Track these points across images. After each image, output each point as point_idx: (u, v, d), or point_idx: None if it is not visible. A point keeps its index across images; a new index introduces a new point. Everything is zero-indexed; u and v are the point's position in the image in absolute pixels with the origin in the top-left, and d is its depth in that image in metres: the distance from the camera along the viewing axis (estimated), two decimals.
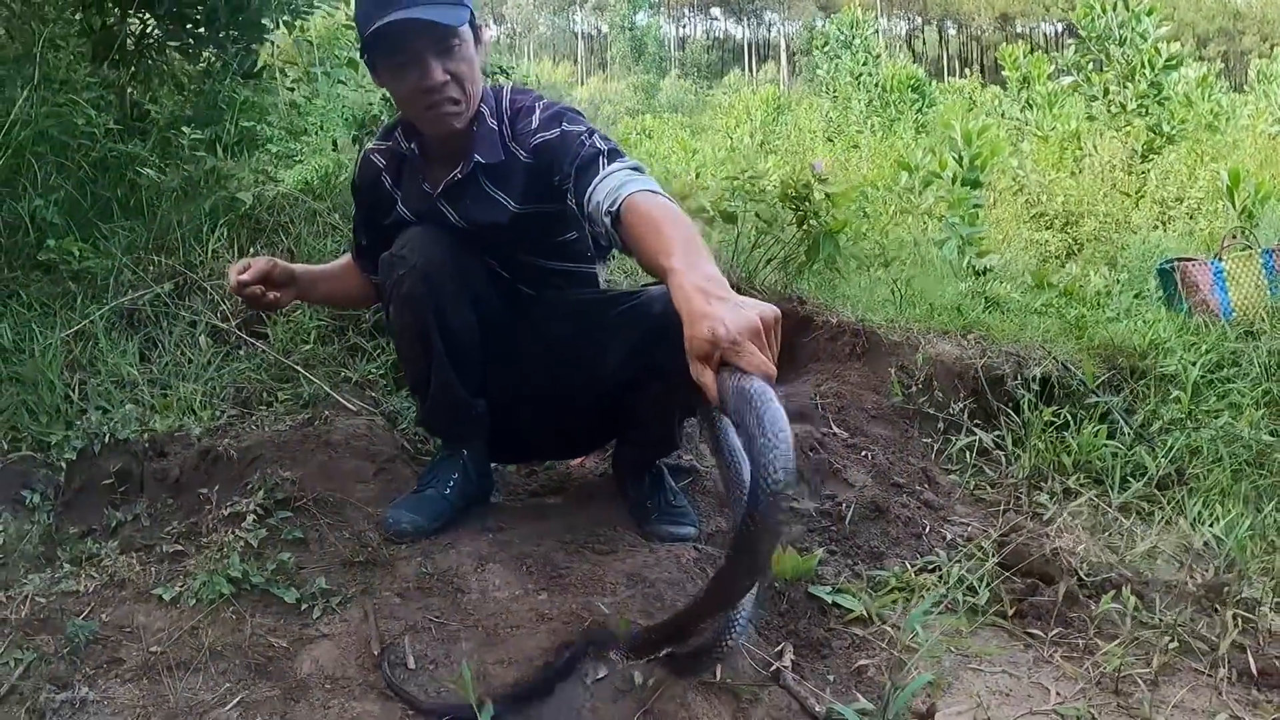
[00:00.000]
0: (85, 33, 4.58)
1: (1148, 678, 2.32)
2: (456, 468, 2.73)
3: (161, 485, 2.84)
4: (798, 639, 2.39)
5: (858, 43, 26.68)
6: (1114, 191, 12.23)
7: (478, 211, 2.62)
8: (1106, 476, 3.58)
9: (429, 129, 2.57)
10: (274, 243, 4.32)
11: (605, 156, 2.37)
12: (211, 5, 4.83)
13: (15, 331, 3.51)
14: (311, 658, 2.10)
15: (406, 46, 2.40)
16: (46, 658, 2.08)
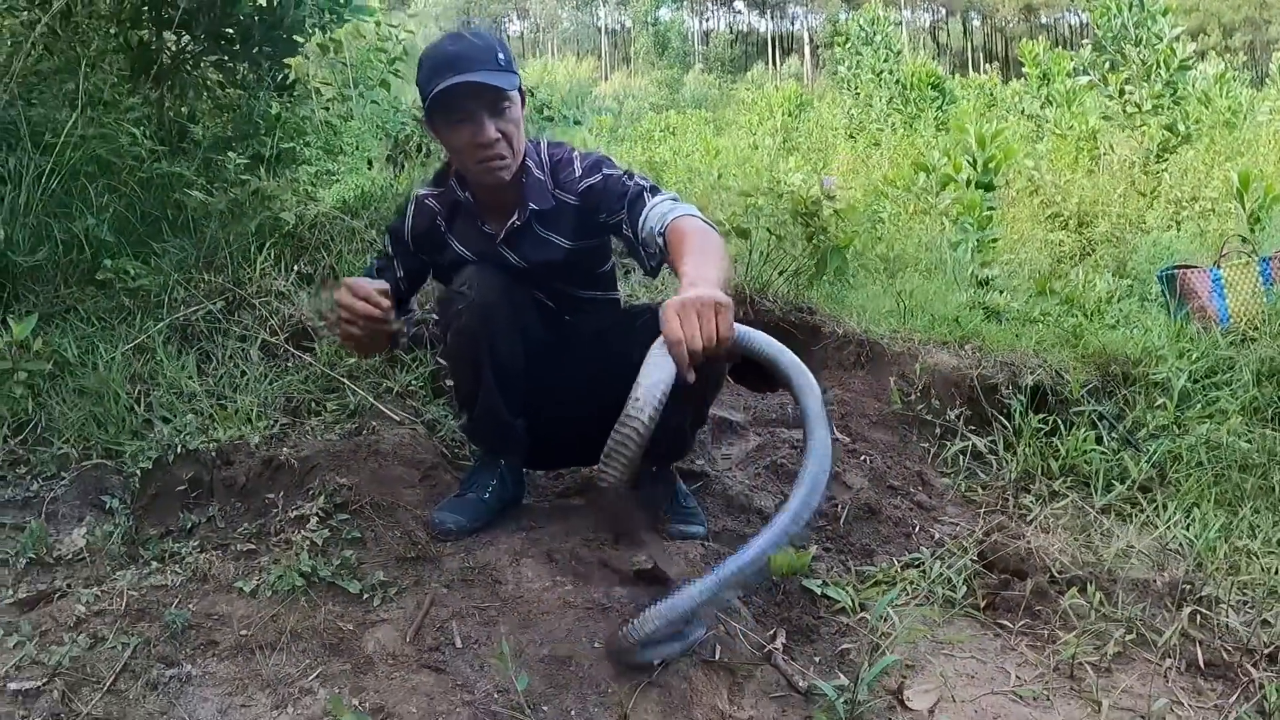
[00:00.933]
0: (123, 49, 4.81)
1: (1101, 665, 2.62)
2: (495, 475, 3.05)
3: (230, 491, 3.14)
4: (790, 625, 2.70)
5: (879, 39, 26.66)
6: (1129, 191, 12.32)
7: (535, 253, 2.97)
8: (1091, 480, 3.81)
9: (480, 180, 2.88)
10: (316, 260, 4.57)
11: (649, 192, 2.81)
12: (246, 24, 5.05)
13: (78, 345, 3.76)
14: (374, 638, 2.42)
15: (463, 106, 2.72)
16: (151, 641, 2.39)
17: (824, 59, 64.70)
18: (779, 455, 3.69)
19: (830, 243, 5.22)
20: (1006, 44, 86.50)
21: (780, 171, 12.96)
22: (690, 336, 2.12)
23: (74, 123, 4.16)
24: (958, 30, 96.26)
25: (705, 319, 2.13)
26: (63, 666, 2.28)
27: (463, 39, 2.80)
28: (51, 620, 2.48)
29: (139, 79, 4.83)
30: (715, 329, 2.13)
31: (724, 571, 2.17)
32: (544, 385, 3.03)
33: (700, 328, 2.12)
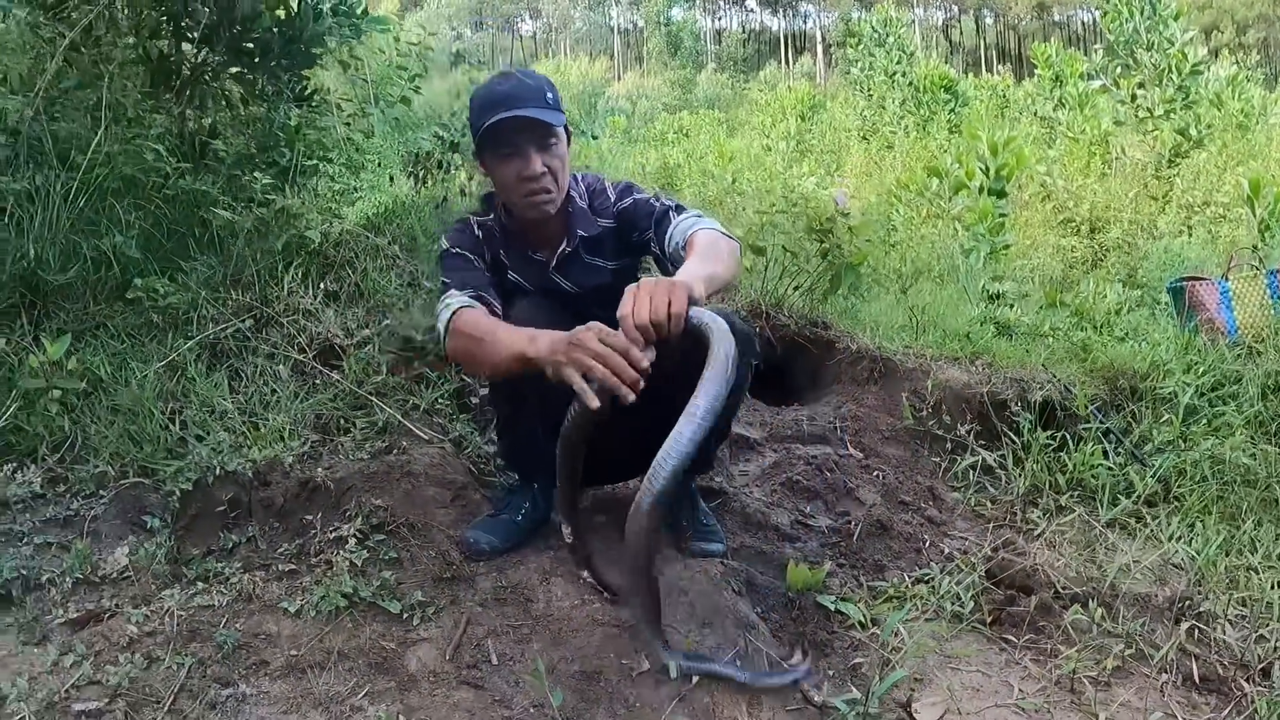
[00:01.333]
0: (142, 60, 4.87)
1: (1100, 679, 2.73)
2: (528, 497, 3.20)
3: (268, 511, 3.26)
4: (806, 640, 2.82)
5: (891, 41, 26.67)
6: (1141, 196, 12.35)
7: (586, 278, 3.11)
8: (1098, 494, 3.89)
9: (525, 213, 3.01)
10: (341, 278, 4.65)
11: (674, 210, 2.99)
12: (265, 37, 5.13)
13: (110, 363, 3.85)
14: (416, 657, 2.56)
15: (512, 141, 2.86)
16: (205, 661, 2.52)
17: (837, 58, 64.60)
18: (795, 472, 3.81)
19: (844, 259, 5.34)
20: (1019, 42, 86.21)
21: (793, 176, 13.10)
22: (637, 310, 2.28)
23: (99, 140, 4.22)
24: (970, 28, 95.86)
25: (658, 297, 2.28)
26: (122, 687, 2.40)
27: (512, 78, 2.94)
28: (104, 640, 2.60)
29: (159, 91, 4.88)
30: (666, 304, 2.27)
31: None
32: None
33: (651, 304, 2.28)
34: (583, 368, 2.34)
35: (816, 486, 3.74)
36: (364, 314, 4.44)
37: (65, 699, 2.37)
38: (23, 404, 3.57)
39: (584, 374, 2.35)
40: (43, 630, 2.69)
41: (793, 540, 3.40)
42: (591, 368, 2.33)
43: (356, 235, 4.92)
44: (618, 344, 2.31)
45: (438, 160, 6.33)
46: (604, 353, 2.32)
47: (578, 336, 2.35)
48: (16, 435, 3.54)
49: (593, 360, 2.33)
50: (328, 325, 4.27)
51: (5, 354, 3.74)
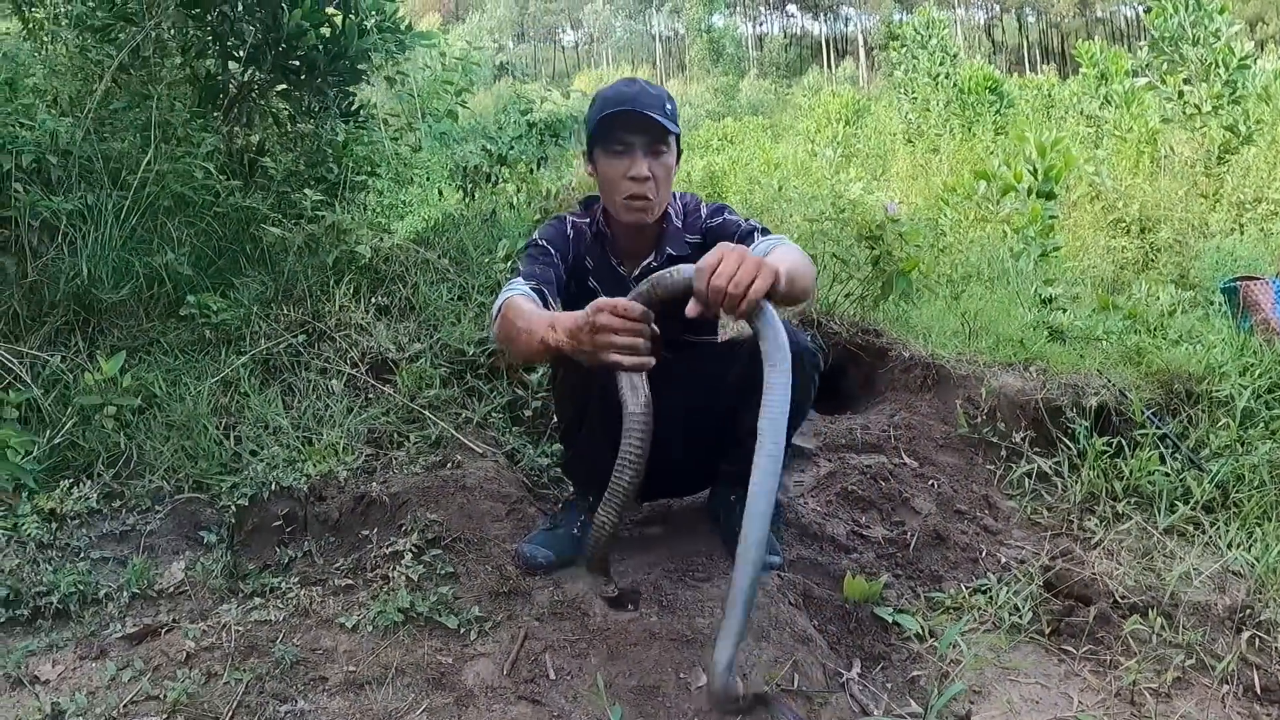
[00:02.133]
0: (190, 80, 4.97)
1: (1161, 690, 2.68)
2: (584, 510, 3.18)
3: (324, 526, 3.29)
4: (863, 653, 2.79)
5: (934, 43, 26.51)
6: (1190, 194, 12.19)
7: None
8: (1155, 500, 3.83)
9: (623, 215, 3.02)
10: (392, 292, 4.70)
11: (759, 232, 2.98)
12: (310, 55, 5.21)
13: (164, 379, 3.90)
14: (473, 672, 2.55)
15: (624, 138, 2.91)
16: (263, 677, 2.53)
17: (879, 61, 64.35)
18: (850, 481, 3.77)
19: (895, 265, 5.31)
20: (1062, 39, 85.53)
21: (840, 182, 13.05)
22: (721, 270, 2.18)
23: (150, 159, 4.29)
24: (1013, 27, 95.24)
25: (746, 268, 2.18)
26: (181, 702, 2.41)
27: (636, 84, 3.00)
28: (162, 655, 2.62)
29: (207, 110, 4.96)
30: (750, 279, 2.18)
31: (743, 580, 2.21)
32: None
33: (737, 271, 2.18)
34: (619, 346, 2.29)
35: (872, 496, 3.71)
36: (415, 328, 4.49)
37: (124, 714, 2.39)
38: (79, 420, 3.63)
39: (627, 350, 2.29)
40: (100, 645, 2.72)
41: (849, 551, 3.37)
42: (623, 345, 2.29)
43: (406, 249, 4.97)
44: (636, 315, 2.28)
45: (485, 173, 6.37)
46: (634, 327, 2.28)
47: (597, 320, 2.29)
48: (73, 451, 3.60)
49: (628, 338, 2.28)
50: (379, 340, 4.32)
51: (61, 371, 3.80)
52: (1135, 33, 64.24)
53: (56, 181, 4.22)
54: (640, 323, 2.27)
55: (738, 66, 75.69)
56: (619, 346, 2.26)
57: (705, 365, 3.17)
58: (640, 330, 2.27)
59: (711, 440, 3.20)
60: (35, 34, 4.83)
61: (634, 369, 2.28)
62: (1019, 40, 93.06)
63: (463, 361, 4.30)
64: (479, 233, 5.44)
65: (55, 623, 2.88)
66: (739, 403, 3.02)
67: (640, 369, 2.27)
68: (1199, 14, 15.71)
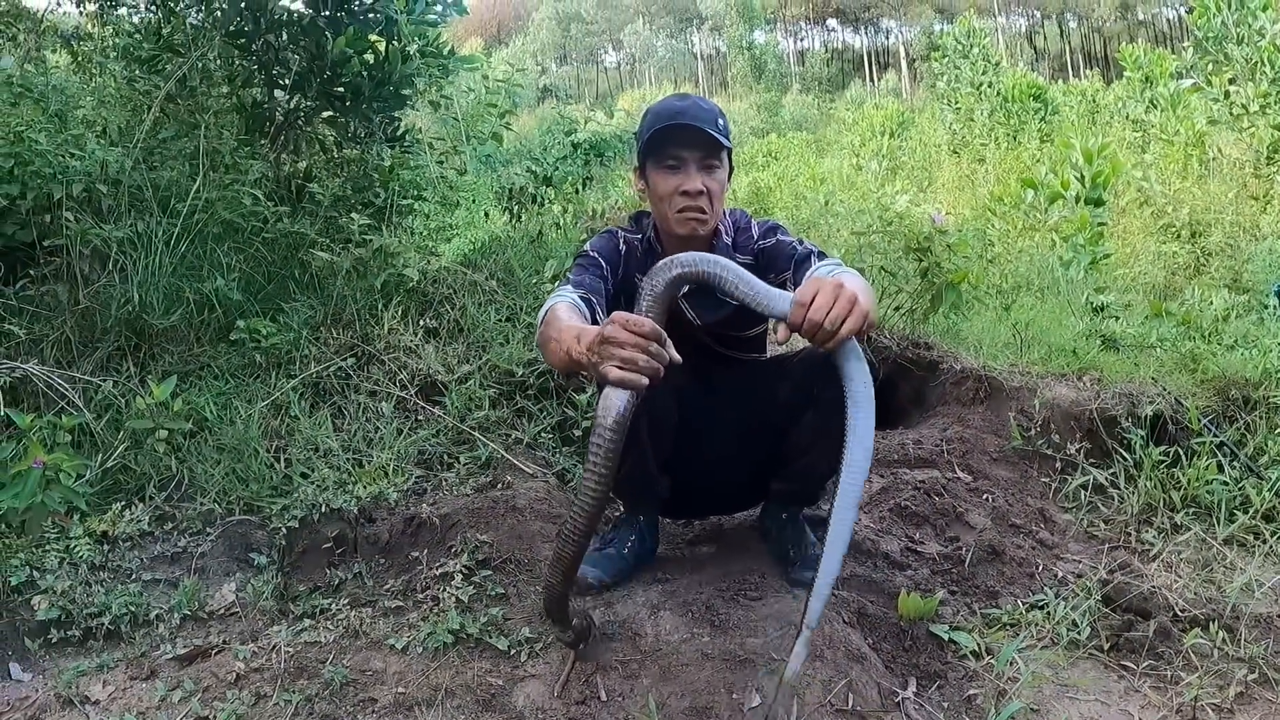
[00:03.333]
0: (237, 109, 5.03)
1: (1224, 706, 2.60)
2: (634, 531, 3.18)
3: (374, 548, 3.30)
4: (918, 671, 2.74)
5: (975, 52, 26.33)
6: (1240, 197, 12.04)
7: (710, 311, 3.09)
8: (1214, 510, 3.75)
9: (676, 229, 2.98)
10: (440, 314, 4.73)
11: (815, 256, 2.94)
12: (355, 82, 5.26)
13: (215, 402, 3.93)
14: (524, 694, 2.54)
15: (678, 153, 2.89)
16: (312, 698, 2.53)
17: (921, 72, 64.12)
18: (903, 497, 3.74)
19: (944, 278, 5.26)
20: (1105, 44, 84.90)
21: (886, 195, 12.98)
22: (817, 305, 2.16)
23: (198, 186, 4.35)
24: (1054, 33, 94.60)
25: (841, 304, 2.15)
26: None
27: (689, 99, 2.98)
28: (212, 676, 2.63)
29: (254, 137, 5.02)
30: (845, 316, 2.15)
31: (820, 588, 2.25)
32: (692, 440, 3.09)
33: (834, 307, 2.15)
34: (620, 360, 2.12)
35: (925, 512, 3.67)
36: (464, 349, 4.51)
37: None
38: (130, 444, 3.66)
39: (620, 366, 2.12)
40: (151, 665, 2.75)
41: (903, 568, 3.33)
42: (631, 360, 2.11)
43: (454, 272, 5.00)
44: (645, 331, 2.12)
45: (531, 194, 6.38)
46: (639, 343, 2.12)
47: (605, 331, 2.15)
48: (125, 475, 3.63)
49: (631, 352, 2.11)
50: (428, 362, 4.34)
51: (113, 396, 3.84)
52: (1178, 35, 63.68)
53: (107, 210, 4.28)
54: (647, 339, 2.12)
55: (780, 82, 75.56)
56: (619, 359, 2.11)
57: (754, 382, 3.14)
58: (643, 346, 2.11)
59: (761, 457, 3.16)
60: (85, 66, 4.89)
61: (625, 385, 2.11)
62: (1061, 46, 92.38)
63: (512, 382, 4.30)
64: (525, 254, 5.46)
65: (106, 643, 2.90)
66: (789, 421, 3.00)
67: (633, 387, 2.11)
68: (1242, 12, 15.48)
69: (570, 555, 2.26)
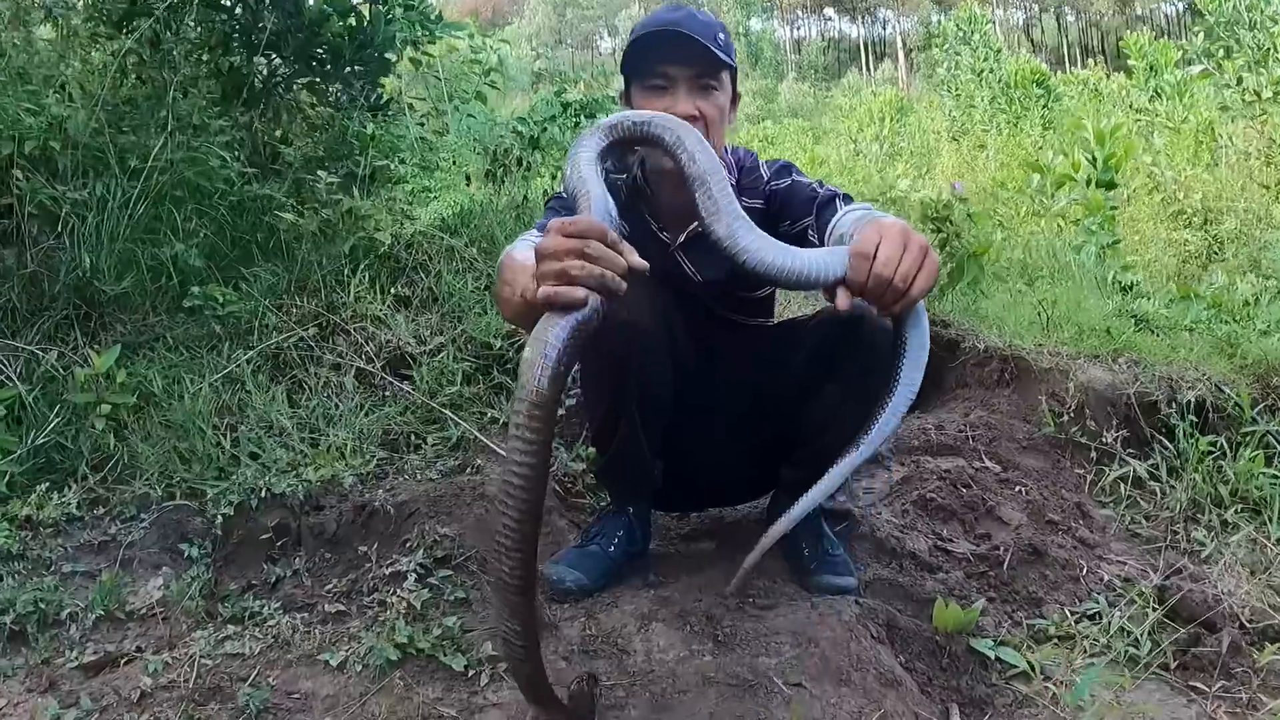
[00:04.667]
0: (214, 75, 4.74)
1: None
2: (622, 525, 2.74)
3: (319, 540, 2.89)
4: (960, 696, 2.35)
5: (977, 38, 26.10)
6: (1248, 185, 11.75)
7: (714, 266, 2.59)
8: (1264, 507, 3.41)
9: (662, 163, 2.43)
10: (414, 281, 4.40)
11: (841, 199, 2.43)
12: (336, 44, 5.00)
13: (164, 376, 3.60)
14: None
15: (666, 70, 2.42)
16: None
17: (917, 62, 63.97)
18: (927, 489, 3.32)
19: (965, 249, 4.84)
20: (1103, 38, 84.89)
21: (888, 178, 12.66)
22: (885, 259, 1.71)
23: (162, 146, 4.06)
24: (1052, 27, 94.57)
25: (911, 257, 1.72)
26: None
27: (684, 9, 2.49)
28: (114, 693, 2.25)
29: (231, 104, 4.75)
30: (915, 272, 1.72)
31: None
32: (690, 418, 2.67)
33: (902, 261, 1.71)
34: (552, 276, 1.60)
35: (953, 505, 3.25)
36: (438, 320, 4.19)
37: None
38: (70, 420, 3.36)
39: (562, 282, 1.59)
40: (52, 675, 2.38)
41: (933, 570, 2.90)
42: (569, 271, 1.58)
43: (430, 237, 4.65)
44: (578, 228, 1.62)
45: (517, 157, 5.97)
46: (572, 246, 1.60)
47: (539, 244, 1.64)
48: (60, 454, 3.31)
49: (565, 261, 1.59)
50: (398, 332, 4.03)
51: (55, 368, 3.55)
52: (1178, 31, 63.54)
53: (63, 170, 3.98)
54: (583, 236, 1.61)
55: (776, 70, 75.39)
56: (551, 274, 1.59)
57: (764, 350, 2.70)
58: (577, 249, 1.59)
59: (769, 439, 2.72)
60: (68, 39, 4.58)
61: (555, 305, 1.57)
62: (1059, 40, 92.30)
63: (489, 355, 3.94)
64: (509, 220, 5.08)
65: (9, 646, 2.52)
66: (804, 395, 2.56)
67: (565, 304, 1.56)
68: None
69: (516, 580, 1.64)
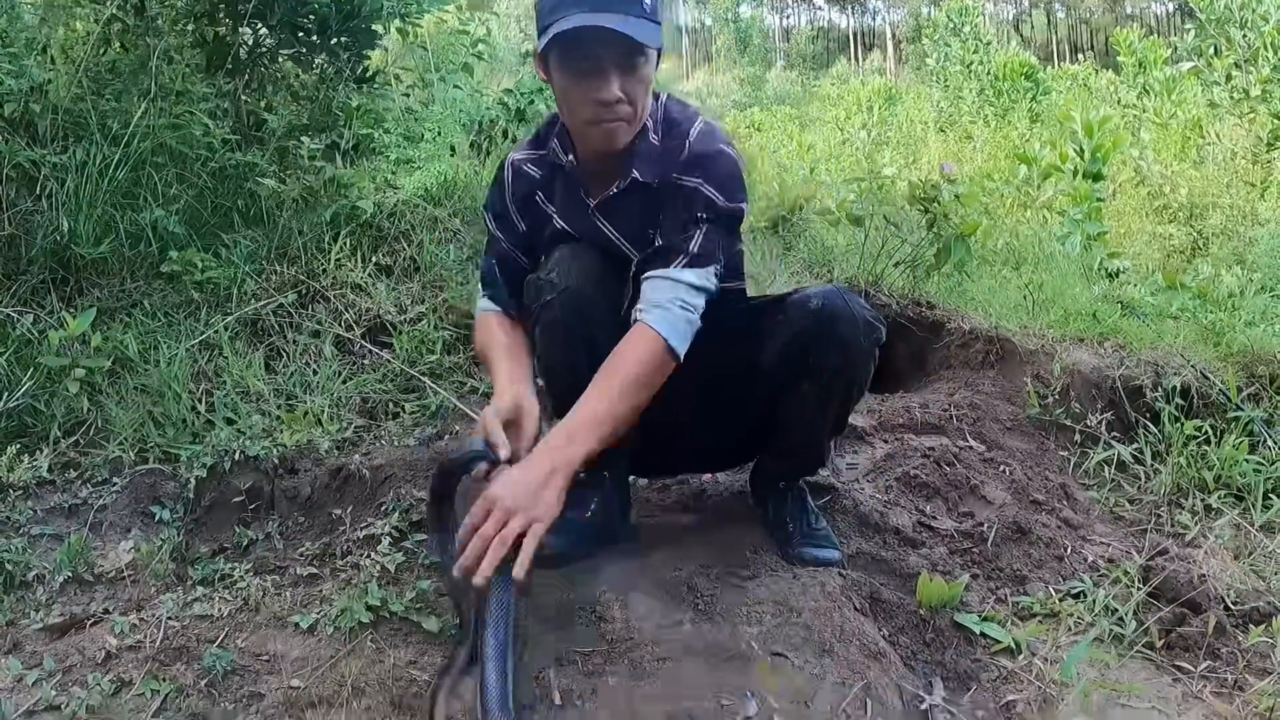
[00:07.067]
0: (199, 44, 4.71)
1: None
2: (598, 491, 2.63)
3: (293, 503, 2.84)
4: (945, 670, 2.32)
5: (967, 30, 26.07)
6: (1238, 182, 11.76)
7: (631, 227, 2.51)
8: (1248, 493, 3.41)
9: (591, 143, 2.44)
10: (396, 250, 4.35)
11: (684, 259, 2.37)
12: (322, 14, 4.94)
13: (140, 341, 3.55)
14: (455, 693, 2.05)
15: (591, 54, 2.26)
16: (184, 689, 2.06)
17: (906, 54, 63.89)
18: (911, 465, 3.27)
19: (953, 230, 4.79)
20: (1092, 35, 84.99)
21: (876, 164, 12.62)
22: (484, 529, 2.00)
23: (144, 112, 4.04)
24: (1041, 22, 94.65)
25: (512, 526, 2.00)
26: (79, 715, 1.95)
27: None
28: (79, 654, 2.19)
29: (215, 74, 4.72)
30: (513, 538, 1.99)
31: None
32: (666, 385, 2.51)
33: (501, 530, 1.99)
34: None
35: (936, 482, 3.20)
36: (419, 289, 4.16)
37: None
38: (44, 384, 3.31)
39: None
40: (16, 637, 2.31)
41: (916, 546, 2.85)
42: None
43: (413, 206, 4.62)
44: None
45: (503, 129, 5.92)
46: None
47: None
48: (34, 417, 3.27)
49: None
50: (379, 300, 4.00)
51: (30, 332, 3.52)
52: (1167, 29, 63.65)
53: (44, 134, 3.99)
54: None
55: (764, 58, 75.14)
56: None
57: (731, 331, 2.56)
58: None
59: (743, 415, 2.67)
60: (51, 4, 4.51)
61: None
62: (1048, 36, 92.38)
63: (469, 324, 3.82)
64: None
65: None
66: (778, 389, 2.54)
67: None
68: None
69: None
